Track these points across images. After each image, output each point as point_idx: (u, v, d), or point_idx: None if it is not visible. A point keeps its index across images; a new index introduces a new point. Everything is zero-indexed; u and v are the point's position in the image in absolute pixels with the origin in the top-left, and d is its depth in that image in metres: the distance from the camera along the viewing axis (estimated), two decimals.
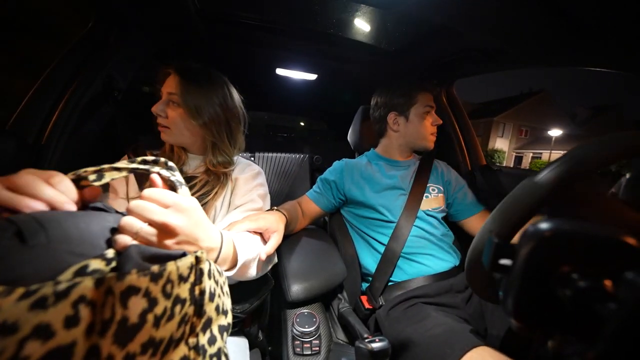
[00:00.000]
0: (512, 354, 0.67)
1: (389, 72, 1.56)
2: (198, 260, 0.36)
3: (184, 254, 0.36)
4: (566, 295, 0.26)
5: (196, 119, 0.83)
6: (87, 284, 0.26)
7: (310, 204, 1.22)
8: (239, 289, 0.79)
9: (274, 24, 1.23)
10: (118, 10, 0.96)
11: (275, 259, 0.83)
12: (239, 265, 0.60)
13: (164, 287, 0.31)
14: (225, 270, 0.59)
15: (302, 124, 2.71)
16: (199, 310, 0.36)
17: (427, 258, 1.08)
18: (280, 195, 1.86)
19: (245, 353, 0.84)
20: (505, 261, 0.31)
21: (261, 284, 0.86)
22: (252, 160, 1.10)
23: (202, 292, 0.36)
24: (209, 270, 0.38)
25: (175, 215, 0.40)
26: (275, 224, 0.86)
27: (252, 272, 0.71)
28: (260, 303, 0.86)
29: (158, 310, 0.30)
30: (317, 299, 0.99)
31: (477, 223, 1.22)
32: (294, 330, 0.92)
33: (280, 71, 1.67)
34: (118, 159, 0.96)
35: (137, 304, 0.28)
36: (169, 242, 0.40)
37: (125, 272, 0.28)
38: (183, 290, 0.33)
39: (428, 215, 1.15)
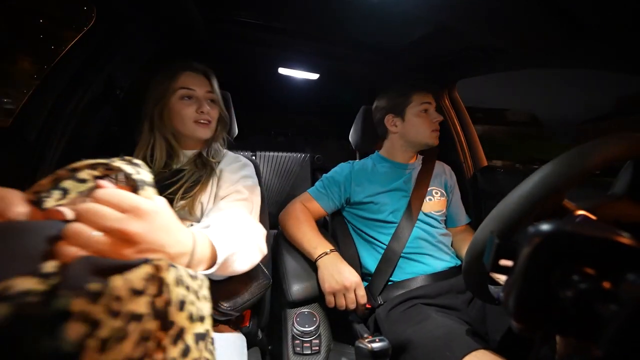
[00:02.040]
0: (512, 358, 0.67)
1: (391, 72, 1.55)
2: (158, 268, 0.32)
3: (144, 261, 0.32)
4: (567, 296, 0.25)
5: (223, 113, 0.99)
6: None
7: (313, 203, 1.22)
8: (226, 286, 0.76)
9: (276, 23, 1.23)
10: (119, 9, 0.96)
11: (265, 250, 0.79)
12: (218, 262, 0.57)
13: (108, 305, 0.26)
14: (204, 269, 0.55)
15: (303, 123, 2.71)
16: (165, 323, 0.32)
17: (427, 258, 1.08)
18: (282, 193, 1.86)
19: (243, 350, 0.84)
20: (506, 262, 0.31)
21: (252, 280, 0.84)
22: (253, 159, 1.10)
23: (167, 304, 0.32)
24: (177, 277, 0.34)
25: (133, 221, 0.35)
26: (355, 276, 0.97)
27: (239, 267, 0.67)
28: (254, 301, 0.85)
29: (103, 332, 0.26)
30: (318, 298, 0.99)
31: (460, 234, 1.27)
32: (294, 330, 0.92)
33: (282, 71, 1.67)
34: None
35: (71, 331, 0.24)
36: (127, 251, 0.35)
37: (53, 295, 0.24)
38: (139, 305, 0.29)
39: (429, 217, 1.16)
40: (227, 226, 0.69)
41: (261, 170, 1.14)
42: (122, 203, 0.35)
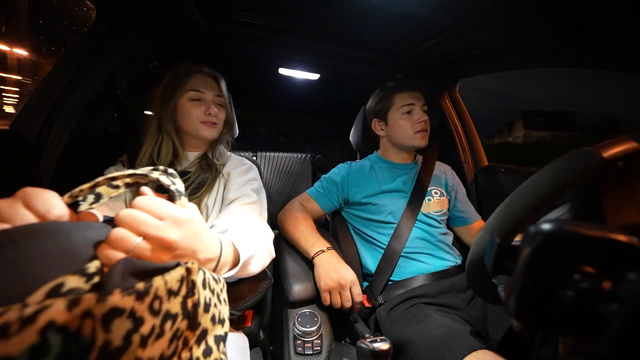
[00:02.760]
0: (513, 358, 0.66)
1: (391, 72, 1.55)
2: (189, 271, 0.33)
3: (177, 264, 0.33)
4: (568, 295, 0.26)
5: (229, 115, 1.02)
6: (58, 307, 0.22)
7: (312, 203, 1.23)
8: (229, 286, 0.76)
9: (277, 23, 1.23)
10: (120, 9, 0.97)
11: (274, 253, 0.82)
12: (240, 264, 0.59)
13: (151, 304, 0.28)
14: (226, 271, 0.57)
15: (304, 123, 2.71)
16: (193, 324, 0.34)
17: (427, 257, 1.08)
18: (282, 194, 1.86)
19: (245, 351, 0.84)
20: (506, 262, 0.31)
21: (254, 280, 0.85)
22: (254, 160, 1.10)
23: (196, 305, 0.34)
24: (204, 280, 0.36)
25: (172, 229, 0.37)
26: (351, 274, 0.96)
27: (254, 269, 0.70)
28: (255, 301, 0.85)
29: (145, 329, 0.27)
30: (319, 298, 0.99)
31: (475, 231, 1.25)
32: (296, 330, 0.92)
33: (283, 71, 1.67)
34: (119, 158, 0.97)
35: (121, 326, 0.25)
36: (164, 257, 0.37)
37: (107, 292, 0.25)
38: (174, 305, 0.31)
39: (429, 217, 1.16)
40: (244, 230, 0.71)
41: (262, 171, 1.14)
42: (160, 210, 0.37)
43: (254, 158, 1.72)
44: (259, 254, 0.71)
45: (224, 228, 0.72)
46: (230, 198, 0.88)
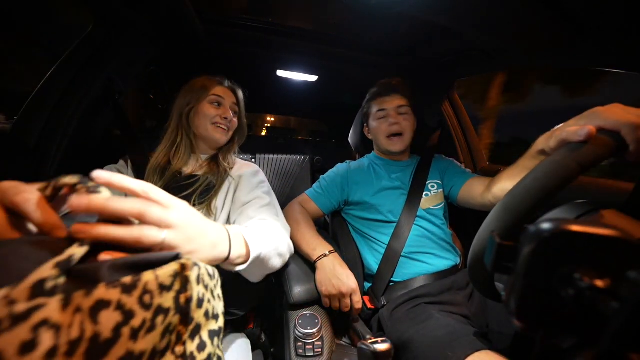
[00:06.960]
0: (515, 356, 0.66)
1: (390, 73, 1.56)
2: (184, 267, 0.34)
3: (175, 257, 0.35)
4: (569, 294, 0.26)
5: (242, 125, 1.08)
6: (52, 306, 0.23)
7: (311, 204, 1.23)
8: (232, 285, 0.77)
9: (275, 25, 1.23)
10: (117, 13, 0.97)
11: (293, 249, 0.89)
12: (251, 259, 0.60)
13: (140, 298, 0.29)
14: (239, 264, 0.59)
15: (302, 125, 2.71)
16: (186, 319, 0.34)
17: (429, 257, 1.08)
18: (282, 196, 1.86)
19: (247, 353, 0.84)
20: (507, 262, 0.31)
21: (258, 283, 0.86)
22: (253, 162, 1.12)
23: (189, 300, 0.34)
24: (198, 276, 0.36)
25: (182, 211, 0.42)
26: (352, 282, 0.95)
27: (274, 264, 0.75)
28: (259, 301, 0.86)
29: (135, 322, 0.28)
30: (319, 300, 0.99)
31: (470, 187, 1.11)
32: (296, 332, 0.91)
33: (281, 73, 1.67)
34: (118, 161, 0.98)
35: (109, 318, 0.26)
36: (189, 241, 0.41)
37: (92, 286, 0.26)
38: (166, 300, 0.31)
39: (429, 213, 1.15)
40: (263, 228, 0.77)
41: None
42: (160, 200, 0.40)
43: (253, 160, 1.72)
44: (280, 249, 0.77)
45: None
46: (243, 200, 0.92)
